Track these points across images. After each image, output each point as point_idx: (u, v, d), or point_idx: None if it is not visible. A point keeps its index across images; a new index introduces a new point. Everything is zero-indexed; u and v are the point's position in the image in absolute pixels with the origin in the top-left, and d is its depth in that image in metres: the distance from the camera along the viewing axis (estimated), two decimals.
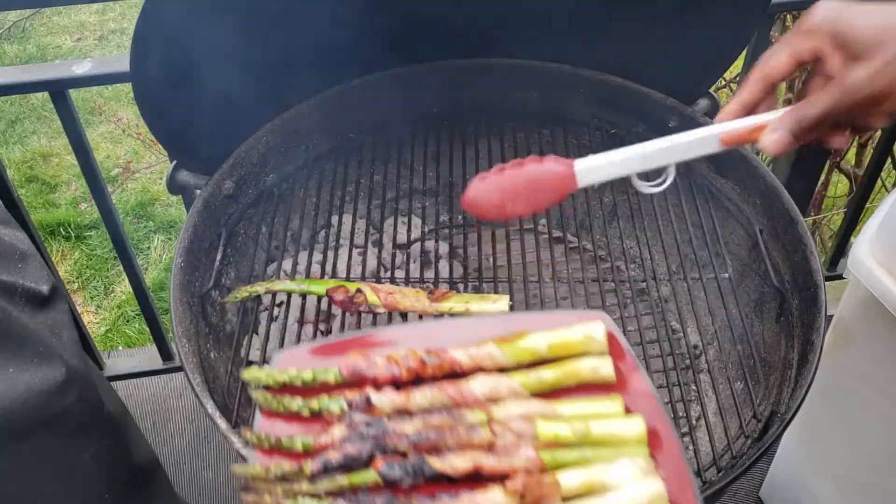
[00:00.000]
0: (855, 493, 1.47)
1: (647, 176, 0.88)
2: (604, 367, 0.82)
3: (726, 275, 1.28)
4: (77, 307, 2.16)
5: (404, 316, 1.24)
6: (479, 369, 0.85)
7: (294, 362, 0.88)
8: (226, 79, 1.25)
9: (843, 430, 1.45)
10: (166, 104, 1.20)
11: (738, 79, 2.17)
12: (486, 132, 1.52)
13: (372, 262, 1.46)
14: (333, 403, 0.82)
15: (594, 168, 0.87)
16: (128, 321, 2.77)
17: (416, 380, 0.85)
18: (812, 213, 2.42)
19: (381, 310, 1.19)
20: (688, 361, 1.33)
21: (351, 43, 1.36)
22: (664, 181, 0.87)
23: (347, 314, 1.29)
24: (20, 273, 1.00)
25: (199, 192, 1.30)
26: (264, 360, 1.27)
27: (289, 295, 1.28)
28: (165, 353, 2.06)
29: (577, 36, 1.41)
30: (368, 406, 0.82)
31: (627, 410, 0.80)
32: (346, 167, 1.48)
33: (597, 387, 0.82)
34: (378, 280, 1.30)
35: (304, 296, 1.25)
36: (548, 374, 0.83)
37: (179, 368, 1.97)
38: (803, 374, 1.11)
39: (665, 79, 1.43)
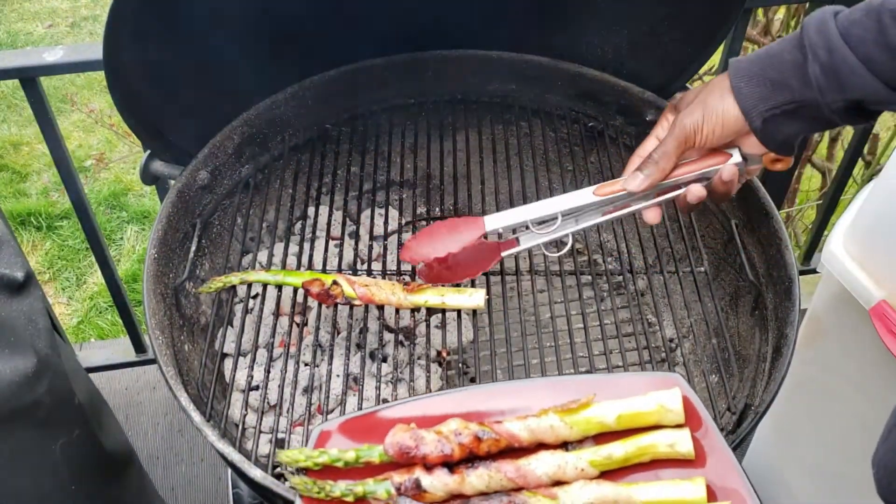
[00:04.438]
0: (827, 483, 1.48)
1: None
2: (682, 443, 0.75)
3: (702, 268, 1.29)
4: (48, 298, 2.13)
5: (381, 308, 1.23)
6: (539, 444, 0.78)
7: (332, 440, 0.81)
8: (201, 68, 1.23)
9: (815, 422, 1.47)
10: (140, 93, 1.18)
11: (713, 72, 2.18)
12: (465, 124, 1.52)
13: (349, 254, 1.45)
14: (380, 487, 0.76)
15: (501, 218, 1.06)
16: (100, 313, 2.74)
17: (470, 457, 0.77)
18: (786, 207, 2.45)
19: (357, 302, 1.18)
20: (664, 354, 1.33)
21: (329, 33, 1.35)
22: (565, 247, 1.08)
23: (324, 307, 1.28)
24: None
25: (173, 182, 1.29)
26: (239, 354, 1.26)
27: (264, 287, 1.27)
28: (139, 345, 2.03)
29: (556, 29, 1.41)
30: (419, 490, 0.75)
31: (710, 494, 0.72)
32: (323, 158, 1.47)
33: (674, 462, 0.75)
34: (355, 272, 1.30)
35: (279, 287, 1.24)
36: (618, 450, 0.76)
37: (153, 361, 1.95)
38: (777, 367, 1.12)
39: (643, 72, 1.44)
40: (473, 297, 1.17)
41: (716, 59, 1.62)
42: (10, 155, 3.31)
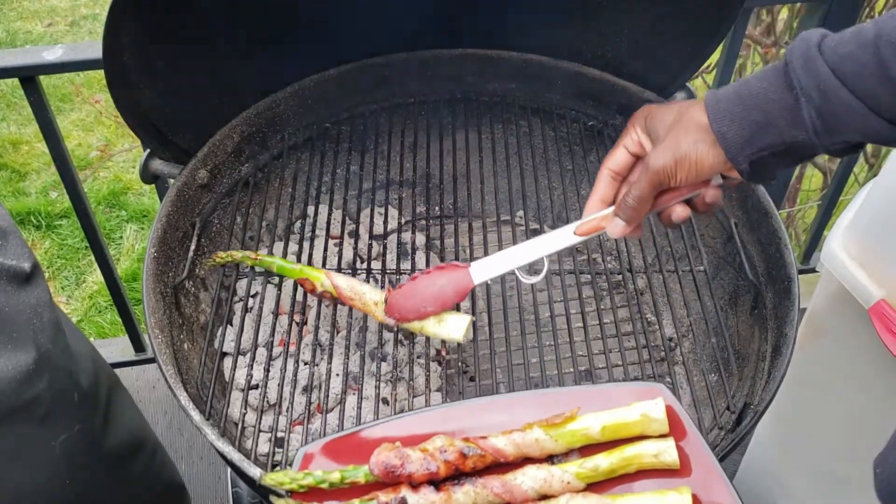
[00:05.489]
0: (826, 482, 1.48)
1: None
2: (667, 453, 0.75)
3: (701, 268, 1.29)
4: None
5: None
6: (525, 459, 0.78)
7: (316, 461, 0.81)
8: (201, 66, 1.23)
9: (814, 422, 1.47)
10: (140, 92, 1.18)
11: (710, 69, 2.18)
12: (464, 123, 1.52)
13: (348, 253, 1.45)
14: None
15: (488, 269, 1.05)
16: (100, 312, 2.74)
17: (456, 474, 0.77)
18: (786, 206, 2.45)
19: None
20: (663, 353, 1.33)
21: (329, 31, 1.34)
22: (541, 273, 1.05)
23: (324, 305, 1.28)
24: (1, 250, 0.97)
25: (172, 181, 1.29)
26: (239, 352, 1.26)
27: (264, 285, 1.27)
28: (138, 344, 2.03)
29: (556, 27, 1.41)
30: None
31: (696, 503, 0.73)
32: (323, 157, 1.47)
33: (660, 472, 0.75)
34: (354, 271, 1.30)
35: (279, 286, 1.24)
36: (604, 462, 0.76)
37: (152, 360, 1.95)
38: (776, 366, 1.12)
39: (643, 72, 1.43)
40: (455, 329, 1.06)
41: (715, 57, 1.62)
42: (9, 154, 3.30)
